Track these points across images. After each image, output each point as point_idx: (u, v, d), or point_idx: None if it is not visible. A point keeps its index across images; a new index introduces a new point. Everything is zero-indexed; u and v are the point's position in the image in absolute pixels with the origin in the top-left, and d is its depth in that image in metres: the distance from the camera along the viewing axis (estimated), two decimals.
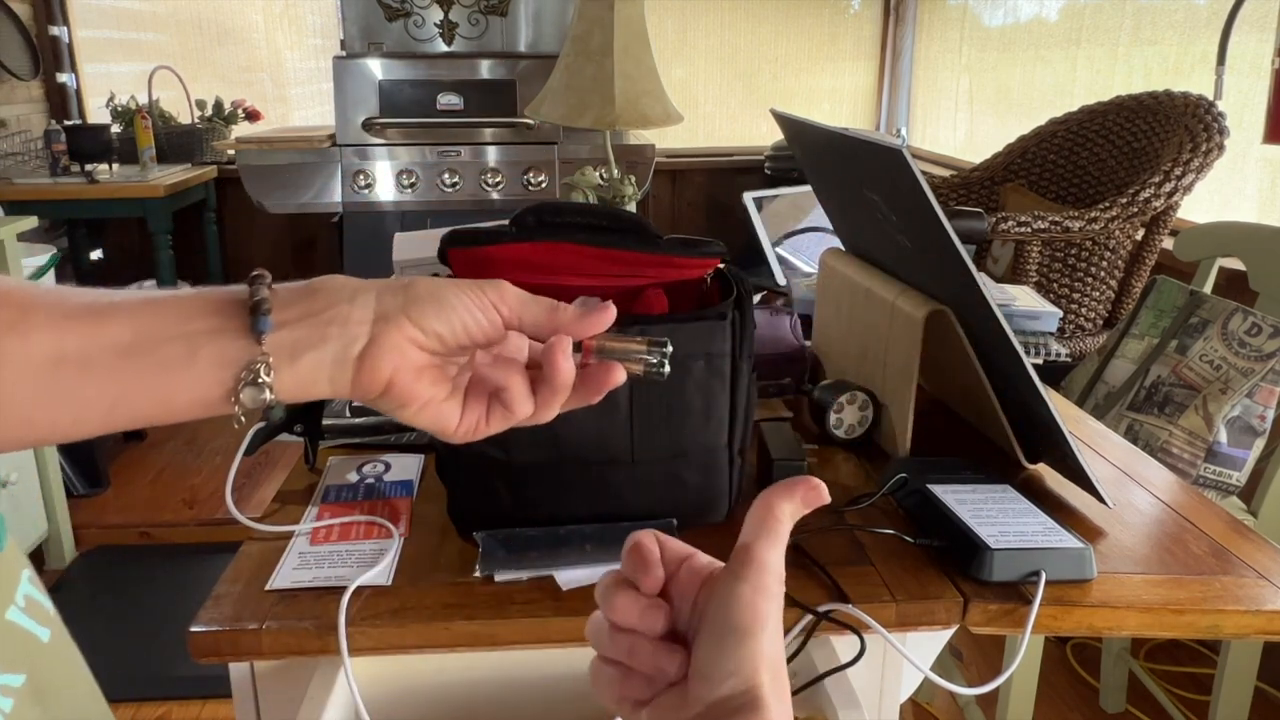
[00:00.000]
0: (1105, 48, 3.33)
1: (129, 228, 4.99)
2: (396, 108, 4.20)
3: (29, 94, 4.60)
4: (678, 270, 1.05)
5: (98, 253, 4.99)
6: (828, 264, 1.49)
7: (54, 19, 4.76)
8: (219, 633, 0.90)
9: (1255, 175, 2.75)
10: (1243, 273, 2.10)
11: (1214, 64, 2.64)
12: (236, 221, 5.07)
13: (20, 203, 3.78)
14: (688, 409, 1.02)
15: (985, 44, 4.24)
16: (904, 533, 1.03)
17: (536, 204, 1.00)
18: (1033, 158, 3.13)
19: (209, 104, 4.88)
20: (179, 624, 0.90)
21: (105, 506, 3.39)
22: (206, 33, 4.95)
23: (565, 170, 4.25)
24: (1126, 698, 2.35)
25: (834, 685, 0.91)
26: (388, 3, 4.74)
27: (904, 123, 5.13)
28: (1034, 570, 0.93)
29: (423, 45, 4.79)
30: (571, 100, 2.15)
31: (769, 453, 1.12)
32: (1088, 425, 1.39)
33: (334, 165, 4.23)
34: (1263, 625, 0.90)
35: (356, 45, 4.78)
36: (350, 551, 1.02)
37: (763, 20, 5.12)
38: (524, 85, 3.95)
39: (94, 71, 4.95)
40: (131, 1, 4.91)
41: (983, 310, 1.04)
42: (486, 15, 4.80)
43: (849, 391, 1.28)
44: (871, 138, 1.14)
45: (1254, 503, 1.89)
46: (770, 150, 4.78)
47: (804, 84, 5.25)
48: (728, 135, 5.24)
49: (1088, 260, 2.63)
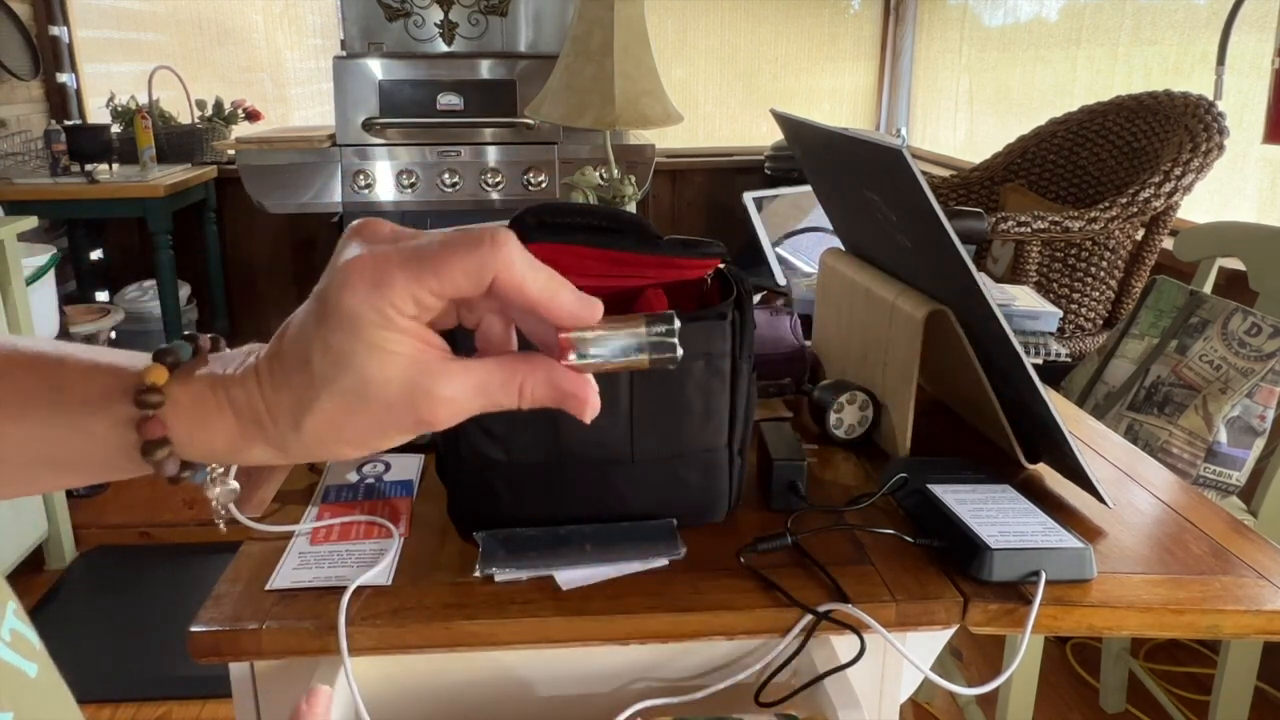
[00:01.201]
0: (1105, 48, 3.33)
1: (129, 227, 5.00)
2: (396, 108, 4.20)
3: (29, 94, 4.60)
4: (678, 271, 1.05)
5: (98, 252, 5.00)
6: (828, 264, 1.49)
7: (54, 19, 4.76)
8: (219, 633, 0.90)
9: (1255, 175, 2.75)
10: (1243, 273, 2.10)
11: (1214, 64, 2.64)
12: (236, 221, 5.08)
13: (20, 203, 3.78)
14: (688, 409, 1.02)
15: (985, 44, 4.24)
16: (904, 533, 1.03)
17: (537, 205, 1.00)
18: (1033, 158, 3.13)
19: (209, 104, 4.88)
20: (179, 624, 0.90)
21: (105, 507, 3.39)
22: (206, 33, 4.96)
23: (565, 170, 4.26)
24: (1126, 698, 2.35)
25: (834, 685, 0.91)
26: (388, 3, 4.74)
27: (904, 123, 5.13)
28: (1034, 570, 0.93)
29: (423, 45, 4.79)
30: (571, 100, 2.15)
31: (769, 453, 1.12)
32: (1087, 425, 1.39)
33: (334, 165, 4.23)
34: (1263, 625, 0.90)
35: (356, 45, 4.78)
36: (350, 551, 1.02)
37: (763, 20, 5.13)
38: (524, 85, 3.95)
39: (94, 71, 4.95)
40: (131, 1, 4.91)
41: (983, 310, 1.04)
42: (486, 15, 4.80)
43: (849, 391, 1.28)
44: (871, 138, 1.14)
45: (1254, 502, 1.89)
46: (770, 150, 4.79)
47: (804, 84, 5.25)
48: (728, 135, 5.24)
49: (1088, 260, 2.63)
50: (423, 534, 1.06)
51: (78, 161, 4.21)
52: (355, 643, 0.89)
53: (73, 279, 4.84)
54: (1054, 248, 2.61)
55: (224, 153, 4.75)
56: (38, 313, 3.09)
